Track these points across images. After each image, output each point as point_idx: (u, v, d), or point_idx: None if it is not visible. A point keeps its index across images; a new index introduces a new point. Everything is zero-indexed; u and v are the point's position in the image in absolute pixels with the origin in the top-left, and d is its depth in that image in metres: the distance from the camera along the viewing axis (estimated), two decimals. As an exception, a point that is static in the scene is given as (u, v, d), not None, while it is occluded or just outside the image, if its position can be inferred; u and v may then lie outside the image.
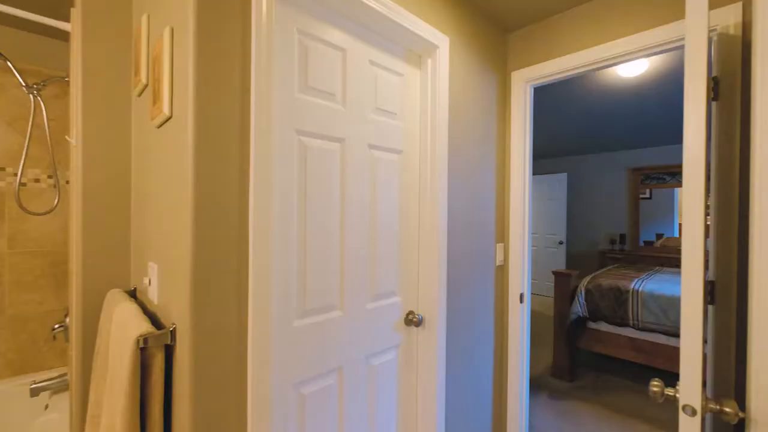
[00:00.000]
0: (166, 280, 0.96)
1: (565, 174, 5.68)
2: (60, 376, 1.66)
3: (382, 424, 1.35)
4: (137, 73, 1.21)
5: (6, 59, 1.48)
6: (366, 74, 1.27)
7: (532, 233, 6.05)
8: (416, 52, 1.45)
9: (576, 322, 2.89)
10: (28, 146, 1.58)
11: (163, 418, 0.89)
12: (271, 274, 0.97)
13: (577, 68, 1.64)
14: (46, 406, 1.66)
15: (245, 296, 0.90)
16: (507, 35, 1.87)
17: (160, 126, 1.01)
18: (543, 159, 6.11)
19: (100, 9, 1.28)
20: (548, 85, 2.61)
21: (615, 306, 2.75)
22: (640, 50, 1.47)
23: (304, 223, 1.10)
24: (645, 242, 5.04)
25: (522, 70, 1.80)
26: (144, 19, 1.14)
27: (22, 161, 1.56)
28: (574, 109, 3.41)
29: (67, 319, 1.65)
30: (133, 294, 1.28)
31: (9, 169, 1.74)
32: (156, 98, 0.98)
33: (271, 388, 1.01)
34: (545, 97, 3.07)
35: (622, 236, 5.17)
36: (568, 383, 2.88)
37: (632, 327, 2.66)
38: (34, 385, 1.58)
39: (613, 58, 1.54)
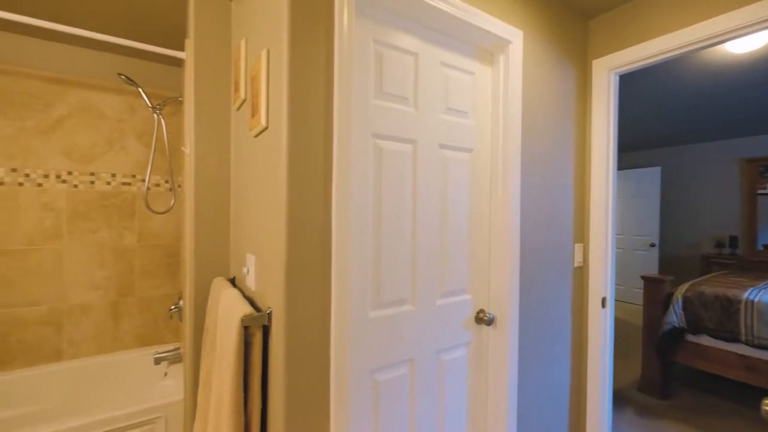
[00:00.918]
0: (263, 270, 1.10)
1: (659, 168, 5.05)
2: (174, 349, 1.97)
3: (451, 419, 1.37)
4: (236, 89, 1.40)
5: (138, 86, 1.81)
6: (437, 76, 1.30)
7: (617, 234, 5.49)
8: (488, 50, 1.44)
9: (670, 333, 2.58)
10: (153, 157, 1.91)
11: (261, 386, 1.03)
12: (350, 268, 1.06)
13: (675, 50, 1.47)
14: (165, 374, 1.99)
15: (328, 286, 1.00)
16: (587, 21, 1.75)
17: (257, 135, 1.16)
18: (631, 152, 5.50)
19: (208, 37, 1.49)
20: (636, 69, 2.37)
21: (722, 318, 2.39)
22: (760, 23, 1.28)
23: (379, 221, 1.17)
24: (765, 246, 4.27)
25: (605, 57, 1.68)
26: (242, 43, 1.31)
27: (148, 169, 1.89)
28: (670, 94, 3.03)
29: (181, 302, 1.96)
30: (232, 281, 1.47)
31: (138, 176, 2.12)
32: (254, 111, 1.13)
33: (349, 371, 1.10)
34: (634, 81, 2.78)
35: (733, 238, 4.44)
36: (660, 401, 2.58)
37: (744, 343, 2.29)
38: (156, 355, 1.90)
39: (723, 34, 1.35)
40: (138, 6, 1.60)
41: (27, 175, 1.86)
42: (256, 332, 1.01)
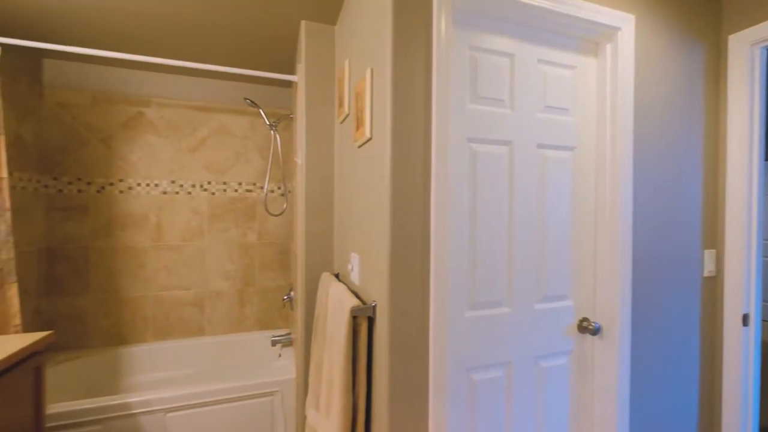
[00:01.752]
0: (367, 267, 1.22)
1: (832, 155, 3.96)
2: (287, 334, 2.26)
3: (551, 429, 1.32)
4: (341, 105, 1.56)
5: (259, 107, 2.13)
6: (534, 74, 1.27)
7: (765, 239, 4.46)
8: (592, 40, 1.35)
9: None
10: (270, 167, 2.23)
11: (366, 372, 1.14)
12: (447, 268, 1.11)
13: None
14: (279, 355, 2.29)
15: (427, 284, 1.06)
16: (720, -9, 1.51)
17: (360, 146, 1.28)
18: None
19: (316, 61, 1.70)
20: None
21: None
22: None
23: (474, 222, 1.19)
24: None
25: (746, 30, 1.42)
26: (346, 63, 1.47)
27: (267, 178, 2.21)
28: None
29: (292, 293, 2.24)
30: (336, 276, 1.64)
31: (257, 184, 2.49)
32: (359, 124, 1.25)
33: (447, 366, 1.15)
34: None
35: None
36: (836, 451, 2.05)
37: None
38: (272, 338, 2.21)
39: None
40: (257, 42, 1.89)
41: (181, 186, 2.33)
42: (362, 322, 1.13)
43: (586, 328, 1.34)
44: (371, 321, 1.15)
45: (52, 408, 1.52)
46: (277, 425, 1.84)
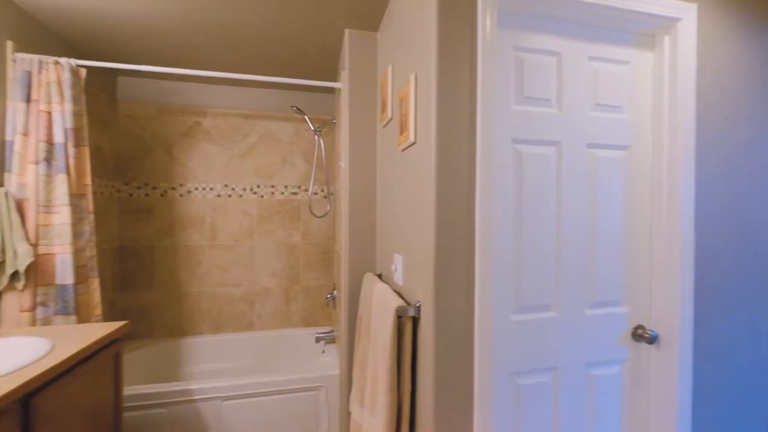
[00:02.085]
0: (411, 269, 1.24)
1: None
2: (330, 331, 2.34)
3: (603, 440, 1.26)
4: (383, 109, 1.60)
5: (304, 114, 2.23)
6: (583, 71, 1.23)
7: None
8: (648, 33, 1.28)
9: None
10: (314, 171, 2.32)
11: (411, 371, 1.17)
12: (492, 270, 1.10)
13: None
14: (323, 351, 2.38)
15: (472, 287, 1.07)
16: (799, -30, 1.37)
17: (404, 150, 1.31)
18: None
19: (359, 67, 1.75)
20: None
21: None
22: None
23: (520, 224, 1.18)
24: None
25: (831, 12, 1.28)
26: (389, 68, 1.50)
27: (311, 181, 2.31)
28: None
29: (335, 292, 2.31)
30: (379, 277, 1.68)
31: (302, 187, 2.60)
32: (403, 128, 1.28)
33: (492, 369, 1.14)
34: None
35: None
36: None
37: None
38: (317, 334, 2.29)
39: None
40: (303, 51, 1.99)
41: (233, 189, 2.49)
42: (407, 322, 1.16)
43: (642, 336, 1.27)
44: (416, 321, 1.17)
45: (126, 390, 1.69)
46: (321, 418, 1.92)
